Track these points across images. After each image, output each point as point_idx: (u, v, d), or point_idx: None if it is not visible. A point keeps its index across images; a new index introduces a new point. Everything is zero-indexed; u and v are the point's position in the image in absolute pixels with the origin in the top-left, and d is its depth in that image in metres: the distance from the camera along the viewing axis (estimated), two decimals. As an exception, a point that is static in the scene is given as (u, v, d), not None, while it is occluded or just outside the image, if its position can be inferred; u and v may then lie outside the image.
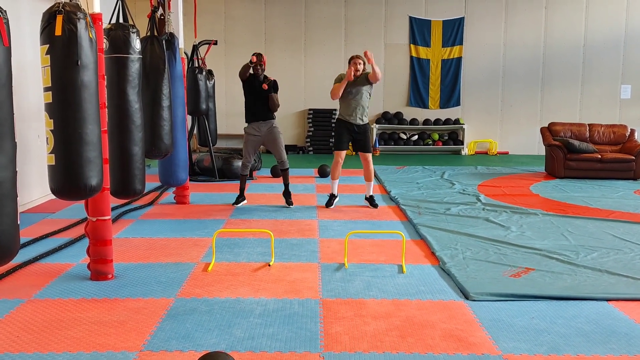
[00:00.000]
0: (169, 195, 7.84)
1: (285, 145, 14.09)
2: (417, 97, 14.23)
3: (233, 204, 7.23)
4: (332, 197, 7.24)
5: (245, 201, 7.32)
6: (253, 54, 7.02)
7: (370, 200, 7.27)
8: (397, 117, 14.08)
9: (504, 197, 7.90)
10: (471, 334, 3.47)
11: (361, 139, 7.05)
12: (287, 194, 7.29)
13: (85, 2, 4.06)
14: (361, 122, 6.97)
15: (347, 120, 6.97)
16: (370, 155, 7.08)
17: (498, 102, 14.23)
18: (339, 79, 6.95)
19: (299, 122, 14.42)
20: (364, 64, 6.93)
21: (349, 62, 6.89)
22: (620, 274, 4.54)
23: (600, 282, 4.36)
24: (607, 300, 4.02)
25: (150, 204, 7.31)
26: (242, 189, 7.33)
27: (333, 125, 13.93)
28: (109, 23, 4.98)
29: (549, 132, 10.47)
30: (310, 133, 14.15)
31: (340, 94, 6.86)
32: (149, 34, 6.07)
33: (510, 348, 3.29)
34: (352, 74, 6.81)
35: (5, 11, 2.97)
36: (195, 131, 9.80)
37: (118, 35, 4.79)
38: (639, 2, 13.81)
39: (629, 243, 5.50)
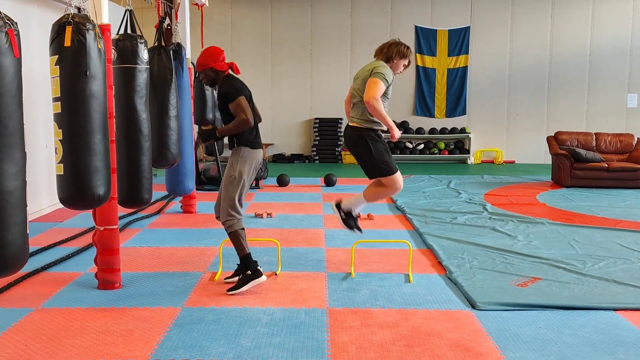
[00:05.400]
0: (176, 204, 7.86)
1: (292, 154, 14.35)
2: (423, 106, 14.25)
3: (232, 289, 4.39)
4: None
5: (262, 278, 4.46)
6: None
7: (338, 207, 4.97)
8: (403, 126, 14.10)
9: (510, 206, 7.89)
10: (478, 343, 3.46)
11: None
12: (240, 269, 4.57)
13: (94, 13, 4.10)
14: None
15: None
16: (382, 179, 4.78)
17: (504, 111, 14.23)
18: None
19: (305, 131, 14.45)
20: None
21: (406, 57, 4.84)
22: (627, 284, 4.52)
23: (608, 292, 4.34)
24: (615, 310, 4.00)
25: (157, 213, 7.33)
26: (249, 258, 4.44)
27: (339, 134, 14.07)
28: (117, 34, 5.02)
29: (555, 141, 10.46)
30: (317, 142, 14.17)
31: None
32: (156, 44, 6.13)
33: (517, 358, 3.28)
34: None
35: (16, 23, 3.00)
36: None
37: (126, 46, 4.84)
38: (645, 11, 13.83)
39: (637, 252, 5.48)
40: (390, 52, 4.70)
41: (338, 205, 4.88)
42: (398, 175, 4.68)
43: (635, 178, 9.65)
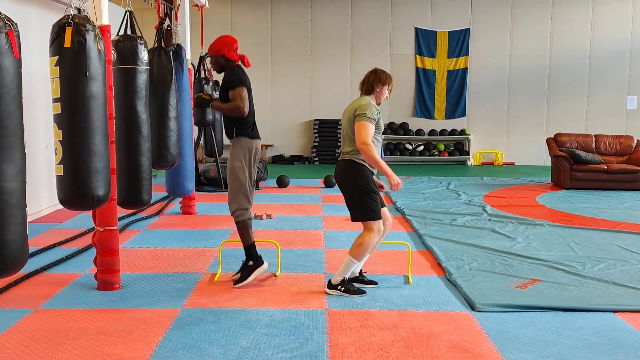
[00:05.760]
0: (175, 205, 7.86)
1: (291, 156, 14.35)
2: (423, 107, 14.25)
3: (237, 282, 4.56)
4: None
5: (265, 265, 4.66)
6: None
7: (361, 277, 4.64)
8: (403, 128, 14.10)
9: (510, 208, 7.89)
10: (477, 345, 3.46)
11: None
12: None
13: (94, 14, 4.10)
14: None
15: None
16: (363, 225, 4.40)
17: (504, 113, 14.23)
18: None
19: (305, 133, 14.45)
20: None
21: (386, 84, 4.60)
22: (627, 286, 4.52)
23: (607, 294, 4.35)
24: (614, 311, 4.00)
25: (157, 214, 7.33)
26: (253, 248, 4.61)
27: (339, 135, 14.06)
28: (117, 35, 5.03)
29: (555, 142, 10.47)
30: (316, 143, 14.17)
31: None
32: (156, 45, 6.12)
33: (516, 359, 3.28)
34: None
35: (16, 24, 3.01)
36: (201, 142, 9.83)
37: (126, 47, 4.84)
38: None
39: (636, 254, 5.48)
40: (370, 83, 4.54)
41: (331, 286, 4.42)
42: (379, 223, 4.36)
43: (634, 180, 9.66)
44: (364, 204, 4.29)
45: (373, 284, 4.58)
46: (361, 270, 4.61)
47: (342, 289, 4.35)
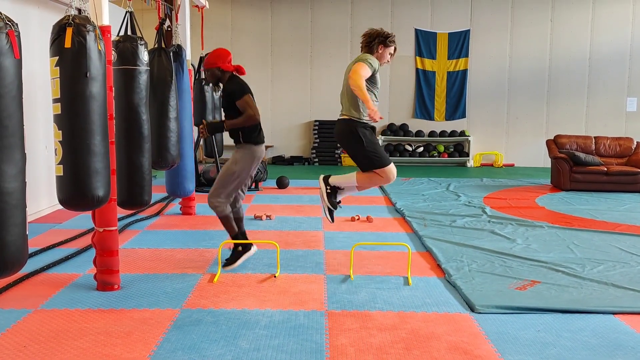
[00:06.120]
0: (175, 206, 7.86)
1: (291, 156, 14.36)
2: (423, 109, 14.26)
3: (225, 265, 4.95)
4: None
5: (254, 249, 5.12)
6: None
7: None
8: (403, 129, 14.11)
9: (509, 210, 7.89)
10: (477, 346, 3.46)
11: None
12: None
13: (95, 15, 4.10)
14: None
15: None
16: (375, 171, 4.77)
17: (504, 115, 14.24)
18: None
19: (305, 134, 14.46)
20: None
21: (387, 45, 4.69)
22: (626, 287, 4.52)
23: (607, 296, 4.35)
24: (614, 313, 4.00)
25: (157, 214, 7.33)
26: (239, 237, 5.02)
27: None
28: (118, 35, 5.03)
29: (554, 144, 10.47)
30: (316, 144, 14.18)
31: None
32: (156, 46, 6.13)
33: (516, 361, 3.28)
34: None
35: (16, 24, 3.01)
36: (201, 142, 9.83)
37: (126, 47, 4.84)
38: (645, 15, 13.86)
39: (636, 256, 5.48)
40: (371, 43, 4.65)
41: (326, 179, 4.83)
42: (392, 167, 4.66)
43: (634, 182, 9.66)
44: (369, 156, 4.56)
45: (334, 208, 4.96)
46: (340, 201, 5.00)
47: (329, 190, 4.75)
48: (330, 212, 4.95)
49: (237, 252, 4.99)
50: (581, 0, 13.85)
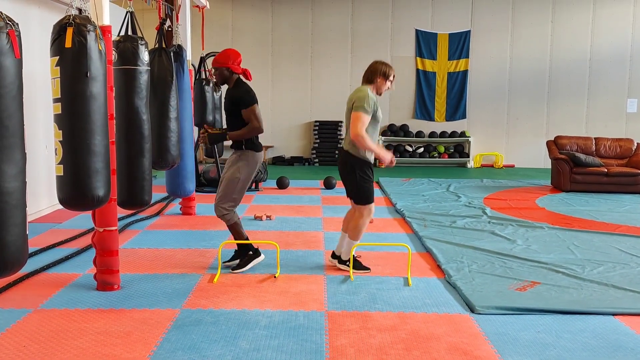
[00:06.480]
0: (175, 206, 7.86)
1: (291, 157, 14.36)
2: (423, 109, 14.26)
3: (236, 268, 4.92)
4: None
5: (262, 257, 5.08)
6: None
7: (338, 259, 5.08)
8: (403, 130, 14.11)
9: (509, 210, 7.89)
10: (477, 347, 3.46)
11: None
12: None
13: (95, 15, 4.10)
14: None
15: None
16: (359, 207, 4.90)
17: (504, 115, 14.24)
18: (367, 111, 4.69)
19: (305, 134, 14.46)
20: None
21: (387, 77, 4.86)
22: (626, 289, 4.52)
23: (607, 297, 4.35)
24: (614, 314, 4.00)
25: (157, 214, 7.33)
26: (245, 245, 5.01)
27: (339, 137, 14.09)
28: (118, 35, 5.03)
29: (555, 145, 10.47)
30: (316, 145, 14.18)
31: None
32: (157, 46, 6.13)
33: (516, 362, 3.28)
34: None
35: (17, 24, 3.01)
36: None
37: (127, 47, 4.84)
38: (645, 16, 13.86)
39: (636, 257, 5.48)
40: (370, 74, 4.87)
41: (341, 261, 5.05)
42: (372, 206, 4.91)
43: (634, 183, 9.66)
44: (360, 192, 4.83)
45: (366, 269, 5.00)
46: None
47: (349, 264, 4.93)
48: (365, 268, 5.05)
49: (248, 256, 4.98)
50: (582, 2, 13.85)
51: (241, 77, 4.91)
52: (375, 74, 4.85)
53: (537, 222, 7.03)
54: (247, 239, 5.00)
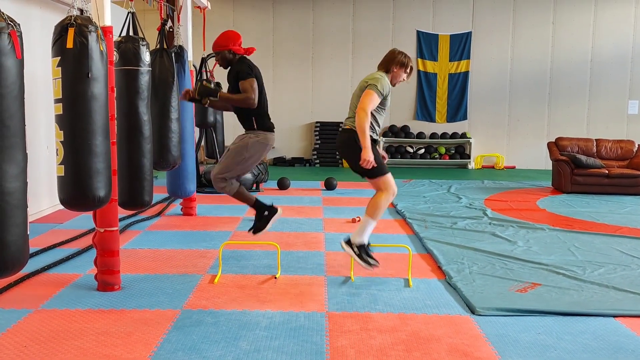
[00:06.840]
0: (176, 206, 7.86)
1: (292, 158, 14.36)
2: (424, 110, 14.26)
3: (257, 231, 5.10)
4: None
5: (280, 211, 5.17)
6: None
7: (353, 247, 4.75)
8: (404, 131, 14.11)
9: (510, 212, 7.89)
10: (477, 348, 3.46)
11: None
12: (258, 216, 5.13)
13: (97, 15, 4.11)
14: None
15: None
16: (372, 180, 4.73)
17: (505, 117, 14.24)
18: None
19: (306, 135, 14.46)
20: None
21: (404, 67, 4.81)
22: (627, 290, 4.52)
23: (607, 298, 4.34)
24: (614, 316, 4.00)
25: (158, 215, 7.33)
26: (259, 202, 5.10)
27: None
28: (120, 36, 5.03)
29: (556, 146, 10.47)
30: (317, 146, 14.18)
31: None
32: (158, 46, 6.13)
33: (516, 363, 3.28)
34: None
35: (18, 24, 3.01)
36: (202, 143, 9.84)
37: (128, 48, 4.85)
38: (647, 17, 13.85)
39: (636, 259, 5.48)
40: (388, 63, 4.72)
41: (348, 242, 4.71)
42: (390, 177, 4.64)
43: (635, 185, 9.65)
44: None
45: (375, 262, 4.70)
46: (369, 243, 4.74)
47: (357, 252, 4.62)
48: (370, 262, 4.72)
49: (264, 217, 4.94)
50: (583, 3, 13.85)
51: (245, 56, 4.87)
52: (393, 62, 4.67)
53: (537, 224, 7.03)
54: (255, 200, 4.95)
